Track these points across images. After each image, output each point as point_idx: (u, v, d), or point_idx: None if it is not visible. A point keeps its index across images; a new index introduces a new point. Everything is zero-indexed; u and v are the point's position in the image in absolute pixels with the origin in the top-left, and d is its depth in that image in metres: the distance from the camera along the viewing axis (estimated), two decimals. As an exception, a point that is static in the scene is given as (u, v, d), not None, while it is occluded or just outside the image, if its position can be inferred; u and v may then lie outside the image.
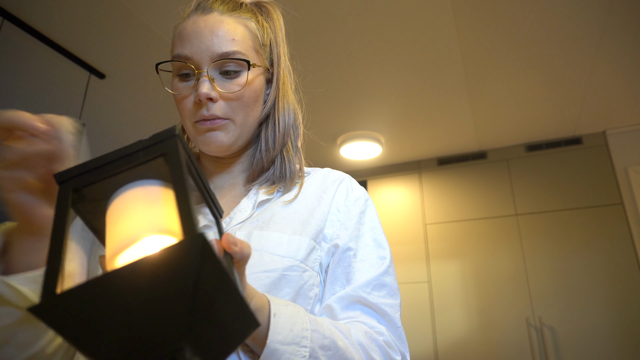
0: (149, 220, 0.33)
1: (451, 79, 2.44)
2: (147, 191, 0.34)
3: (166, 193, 0.35)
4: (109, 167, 0.34)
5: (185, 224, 0.29)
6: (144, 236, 0.32)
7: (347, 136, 3.09)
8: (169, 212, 0.33)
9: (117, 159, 0.34)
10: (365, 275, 0.62)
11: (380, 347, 0.57)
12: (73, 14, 1.89)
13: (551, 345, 2.70)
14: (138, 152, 0.34)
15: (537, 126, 2.99)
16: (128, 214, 0.33)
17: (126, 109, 2.63)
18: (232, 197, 0.68)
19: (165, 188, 0.35)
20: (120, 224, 0.33)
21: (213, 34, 0.61)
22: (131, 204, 0.34)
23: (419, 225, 3.32)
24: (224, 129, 0.63)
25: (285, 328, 0.47)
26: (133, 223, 0.32)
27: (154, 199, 0.34)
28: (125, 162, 0.34)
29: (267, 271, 0.56)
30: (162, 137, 0.34)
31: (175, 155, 0.33)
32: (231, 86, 0.62)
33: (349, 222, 0.66)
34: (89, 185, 0.34)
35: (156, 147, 0.34)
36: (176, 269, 0.28)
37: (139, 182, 0.35)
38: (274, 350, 0.46)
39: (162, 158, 0.34)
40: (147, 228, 0.32)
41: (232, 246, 0.38)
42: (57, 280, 0.29)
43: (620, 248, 2.75)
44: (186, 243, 0.28)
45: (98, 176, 0.34)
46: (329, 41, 2.13)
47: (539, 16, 1.98)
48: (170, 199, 0.34)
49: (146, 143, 0.34)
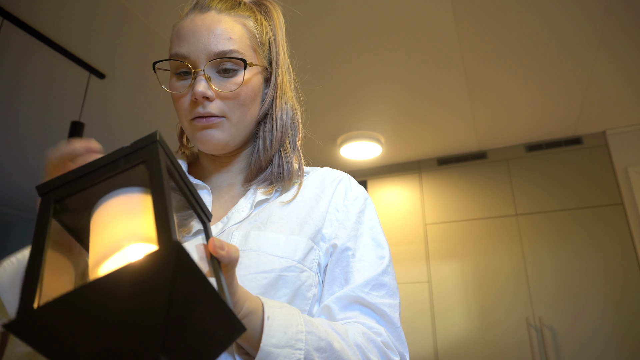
0: (131, 229, 0.32)
1: (451, 79, 2.44)
2: (129, 199, 0.34)
3: (148, 200, 0.35)
4: (90, 176, 0.34)
5: (161, 233, 0.29)
6: (126, 245, 0.31)
7: (347, 136, 3.09)
8: (151, 220, 0.33)
9: (98, 168, 0.34)
10: (364, 275, 0.61)
11: (379, 348, 0.57)
12: (73, 14, 1.89)
13: (551, 345, 2.70)
14: (119, 160, 0.34)
15: (537, 126, 2.99)
16: (110, 223, 0.33)
17: (126, 109, 2.63)
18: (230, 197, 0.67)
19: (146, 194, 0.35)
20: (103, 234, 0.33)
21: (210, 32, 0.61)
22: (113, 213, 0.34)
23: (419, 225, 3.32)
24: (219, 126, 0.62)
25: (279, 331, 0.47)
26: (115, 232, 0.32)
27: (136, 207, 0.34)
28: (106, 171, 0.34)
29: (264, 272, 0.56)
30: (143, 144, 0.34)
31: (155, 162, 0.33)
32: (228, 85, 0.62)
33: (348, 221, 0.66)
34: (70, 196, 0.34)
35: (137, 154, 0.34)
36: (151, 278, 0.27)
37: (121, 191, 0.35)
38: (267, 353, 0.46)
39: (143, 165, 0.34)
40: (129, 237, 0.32)
41: (218, 250, 0.38)
42: (34, 294, 0.29)
43: (620, 248, 2.75)
44: (160, 252, 0.28)
45: (79, 186, 0.34)
46: (329, 40, 2.13)
47: (539, 16, 1.98)
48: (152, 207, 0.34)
49: (127, 150, 0.34)
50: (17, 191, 3.89)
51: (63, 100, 2.48)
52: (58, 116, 2.64)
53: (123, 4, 1.85)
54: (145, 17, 1.93)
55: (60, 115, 2.62)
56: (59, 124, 2.72)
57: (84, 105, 2.39)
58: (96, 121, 2.71)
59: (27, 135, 2.87)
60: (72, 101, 2.47)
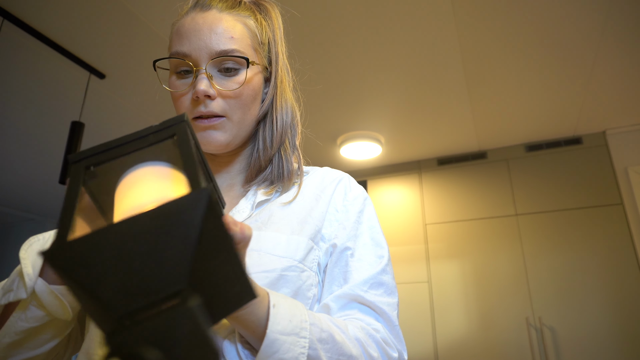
0: (156, 193, 0.34)
1: (451, 79, 2.44)
2: (156, 170, 0.36)
3: (175, 174, 0.36)
4: (120, 148, 0.35)
5: (192, 180, 0.31)
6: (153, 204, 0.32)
7: (347, 136, 3.09)
8: (176, 188, 0.35)
9: (128, 141, 0.35)
10: (363, 274, 0.62)
11: (377, 343, 0.57)
12: (73, 14, 1.89)
13: (551, 345, 2.70)
14: (148, 135, 0.35)
15: (537, 126, 2.99)
16: (137, 188, 0.35)
17: (126, 109, 2.63)
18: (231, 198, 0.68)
19: (174, 170, 0.36)
20: (129, 196, 0.34)
21: (212, 31, 0.61)
22: (140, 180, 0.35)
23: (419, 225, 3.32)
24: (221, 127, 0.62)
25: (285, 318, 0.47)
26: (141, 195, 0.34)
27: (163, 177, 0.35)
28: (136, 144, 0.35)
29: (266, 271, 0.56)
30: (172, 123, 0.36)
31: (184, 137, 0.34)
32: (230, 84, 0.62)
33: (347, 221, 0.66)
34: (100, 164, 0.36)
35: (166, 131, 0.35)
36: (181, 218, 0.29)
37: (149, 163, 0.36)
38: (273, 340, 0.46)
39: (171, 142, 0.35)
40: (154, 199, 0.33)
41: (232, 226, 0.38)
42: (68, 229, 0.31)
43: (620, 248, 2.75)
44: (192, 195, 0.29)
45: (109, 156, 0.35)
46: (328, 41, 2.13)
47: (539, 16, 1.98)
48: (178, 179, 0.36)
49: (157, 127, 0.36)
50: (17, 191, 3.89)
51: (63, 100, 2.48)
52: (58, 116, 2.64)
53: (123, 4, 1.85)
54: (145, 17, 1.93)
55: (60, 115, 2.62)
56: (59, 124, 2.72)
57: (84, 105, 2.39)
58: (96, 121, 2.71)
59: (27, 135, 2.87)
60: (72, 101, 2.48)
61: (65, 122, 2.48)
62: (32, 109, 2.58)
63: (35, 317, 0.51)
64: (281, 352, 0.46)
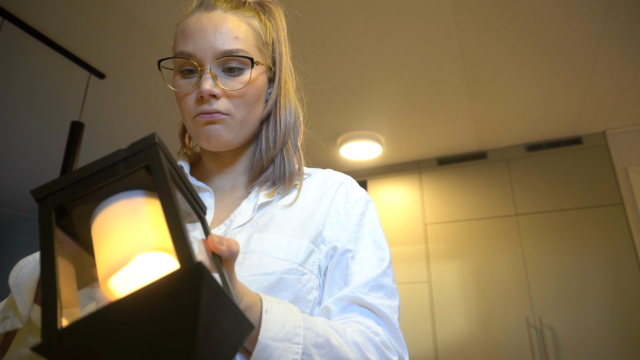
0: (138, 238, 0.32)
1: (451, 79, 2.44)
2: (132, 204, 0.33)
3: (151, 204, 0.34)
4: (89, 180, 0.32)
5: (180, 251, 0.29)
6: (135, 255, 0.31)
7: (347, 136, 3.09)
8: (157, 226, 0.32)
9: (97, 171, 0.32)
10: (363, 277, 0.61)
11: (377, 347, 0.56)
12: (73, 14, 1.89)
13: (551, 345, 2.70)
14: (118, 163, 0.32)
15: (537, 126, 2.99)
16: (115, 231, 0.32)
17: (126, 109, 2.63)
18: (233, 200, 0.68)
19: (149, 198, 0.34)
20: (109, 243, 0.32)
21: (216, 31, 0.61)
22: (117, 220, 0.33)
23: (419, 225, 3.32)
24: (223, 122, 0.62)
25: (277, 324, 0.47)
26: (122, 241, 0.32)
27: (140, 213, 0.33)
28: (106, 175, 0.32)
29: (266, 274, 0.56)
30: (142, 147, 0.33)
31: (159, 167, 0.32)
32: (234, 84, 0.62)
33: (349, 224, 0.66)
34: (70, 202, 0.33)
35: (137, 158, 0.33)
36: (176, 297, 0.28)
37: (122, 195, 0.34)
38: (265, 346, 0.46)
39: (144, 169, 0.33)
40: (138, 246, 0.31)
41: (218, 246, 0.38)
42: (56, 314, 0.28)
43: (620, 248, 2.75)
44: (185, 272, 0.28)
45: (78, 191, 0.32)
46: (329, 41, 2.13)
47: (539, 16, 1.98)
48: (156, 209, 0.33)
49: (126, 153, 0.33)
50: (17, 191, 3.89)
51: (63, 100, 2.48)
52: (58, 116, 2.64)
53: (123, 4, 1.85)
54: (145, 17, 1.93)
55: (60, 115, 2.62)
56: (59, 124, 2.72)
57: (84, 105, 2.39)
58: (96, 121, 2.71)
59: (27, 135, 2.87)
60: (72, 101, 2.47)
61: (65, 122, 2.48)
62: (32, 109, 2.58)
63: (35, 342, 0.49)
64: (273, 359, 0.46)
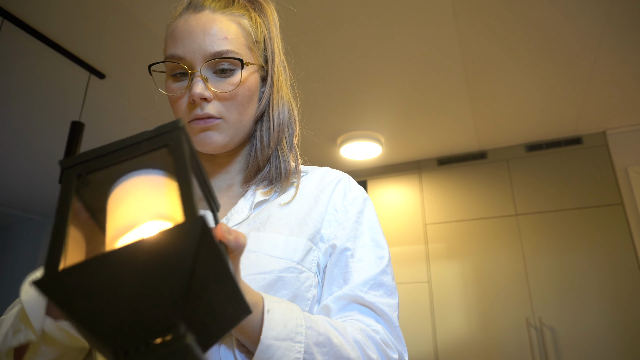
0: (149, 206, 0.33)
1: (451, 79, 2.44)
2: (150, 179, 0.35)
3: (168, 183, 0.35)
4: (113, 155, 0.34)
5: (186, 207, 0.30)
6: (144, 221, 0.32)
7: (347, 136, 3.09)
8: (170, 200, 0.34)
9: (121, 148, 0.34)
10: (363, 275, 0.61)
11: (377, 345, 0.57)
12: (73, 14, 1.89)
13: (551, 345, 2.70)
14: (142, 142, 0.34)
15: (537, 126, 2.99)
16: (130, 199, 0.34)
17: (126, 109, 2.63)
18: (230, 199, 0.67)
19: (167, 178, 0.36)
20: (121, 209, 0.33)
21: (205, 33, 0.60)
22: (133, 191, 0.34)
23: (419, 225, 3.32)
24: (217, 128, 0.62)
25: (279, 324, 0.47)
26: (134, 208, 0.33)
27: (156, 187, 0.35)
28: (129, 151, 0.34)
29: (264, 273, 0.56)
30: (167, 129, 0.35)
31: (179, 146, 0.34)
32: (225, 85, 0.61)
33: (347, 222, 0.65)
34: (92, 172, 0.35)
35: (160, 138, 0.35)
36: (175, 249, 0.29)
37: (142, 171, 0.35)
38: (268, 346, 0.46)
39: (166, 149, 0.35)
40: (148, 214, 0.32)
41: (226, 235, 0.38)
42: (59, 257, 0.30)
43: (620, 248, 2.75)
44: (187, 224, 0.29)
45: (102, 164, 0.34)
46: (328, 41, 2.13)
47: (538, 17, 1.98)
48: (172, 188, 0.35)
49: (151, 134, 0.35)
50: (17, 191, 3.89)
51: (63, 100, 2.48)
52: (58, 116, 2.64)
53: (123, 4, 1.85)
54: (145, 17, 1.93)
55: (60, 115, 2.62)
56: (59, 124, 2.72)
57: (84, 105, 2.39)
58: (96, 121, 2.71)
59: (27, 135, 2.87)
60: (72, 101, 2.48)
61: (65, 122, 2.48)
62: (32, 109, 2.58)
63: (49, 352, 0.48)
64: (276, 358, 0.46)
